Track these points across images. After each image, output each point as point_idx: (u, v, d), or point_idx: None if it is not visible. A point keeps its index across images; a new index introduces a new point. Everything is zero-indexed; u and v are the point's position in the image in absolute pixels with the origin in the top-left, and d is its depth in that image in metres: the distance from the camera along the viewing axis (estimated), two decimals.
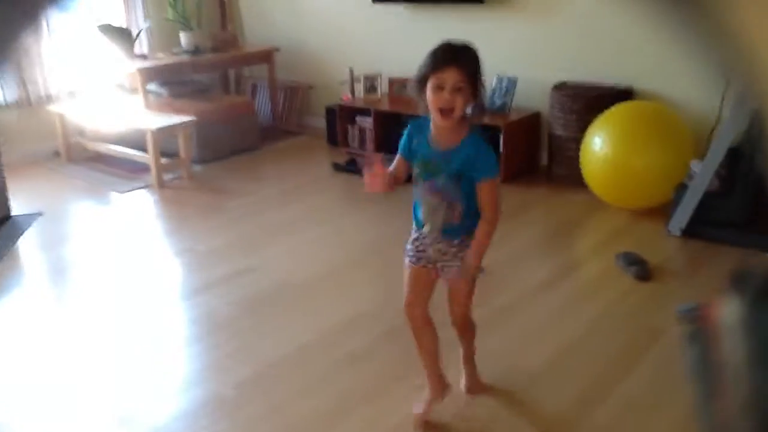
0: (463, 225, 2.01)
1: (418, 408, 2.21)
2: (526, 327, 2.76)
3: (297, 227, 3.89)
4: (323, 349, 2.65)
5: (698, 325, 0.46)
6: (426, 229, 2.05)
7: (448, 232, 2.03)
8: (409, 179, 2.08)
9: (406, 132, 2.05)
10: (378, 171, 2.00)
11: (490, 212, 1.98)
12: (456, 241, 2.04)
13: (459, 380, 2.34)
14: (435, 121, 1.92)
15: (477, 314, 2.84)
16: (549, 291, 3.05)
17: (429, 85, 1.86)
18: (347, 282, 3.24)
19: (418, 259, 2.10)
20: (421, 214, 2.05)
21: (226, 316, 2.95)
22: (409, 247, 2.13)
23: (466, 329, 2.28)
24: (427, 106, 1.91)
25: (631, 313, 2.84)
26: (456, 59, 1.84)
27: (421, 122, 2.01)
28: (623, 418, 2.20)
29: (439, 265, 2.10)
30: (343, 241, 3.73)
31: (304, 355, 2.62)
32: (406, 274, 2.14)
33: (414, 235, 2.11)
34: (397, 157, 2.07)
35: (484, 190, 1.96)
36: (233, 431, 2.21)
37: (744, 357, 0.40)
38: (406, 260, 2.13)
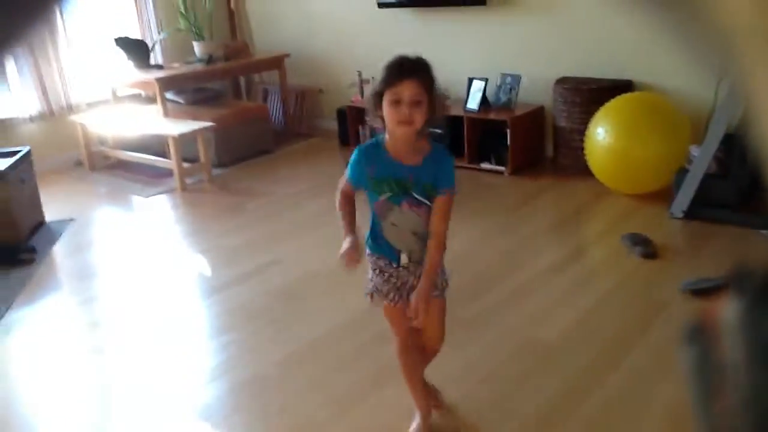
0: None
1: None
2: (540, 305, 2.96)
3: (316, 223, 4.08)
4: (353, 331, 2.85)
5: (698, 325, 0.45)
6: (404, 259, 1.95)
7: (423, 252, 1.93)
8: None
9: (355, 158, 1.91)
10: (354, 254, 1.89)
11: (443, 226, 1.90)
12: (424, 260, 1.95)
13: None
14: (394, 135, 1.84)
15: (492, 295, 3.05)
16: (560, 271, 3.24)
17: (385, 100, 1.78)
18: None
19: (400, 296, 1.99)
20: (395, 244, 1.95)
21: (260, 306, 3.15)
22: (377, 285, 2.00)
23: (438, 350, 2.20)
24: (383, 123, 1.83)
25: (638, 289, 3.04)
26: (412, 72, 1.77)
27: (370, 147, 1.91)
28: (632, 384, 2.38)
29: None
30: (361, 235, 3.93)
31: (337, 337, 2.82)
32: (390, 314, 2.04)
33: (383, 268, 1.98)
34: (345, 183, 1.97)
35: (444, 201, 1.88)
36: (278, 403, 2.42)
37: (744, 357, 0.40)
38: (385, 301, 2.00)
